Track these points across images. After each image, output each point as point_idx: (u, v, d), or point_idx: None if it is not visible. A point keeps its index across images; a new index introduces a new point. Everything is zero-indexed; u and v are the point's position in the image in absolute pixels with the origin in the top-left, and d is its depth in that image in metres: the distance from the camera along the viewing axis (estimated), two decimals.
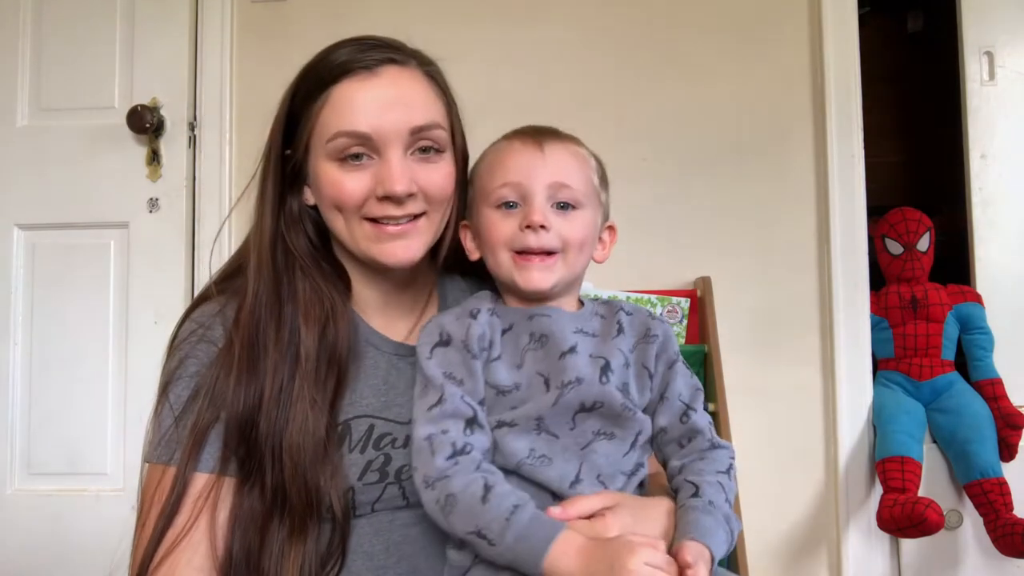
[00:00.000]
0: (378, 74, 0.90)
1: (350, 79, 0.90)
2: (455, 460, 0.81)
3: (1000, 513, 1.72)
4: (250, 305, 0.90)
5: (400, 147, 0.89)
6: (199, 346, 0.91)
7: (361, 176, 0.89)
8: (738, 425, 1.75)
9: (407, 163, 0.90)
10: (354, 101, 0.89)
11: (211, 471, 0.87)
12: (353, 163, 0.89)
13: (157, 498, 0.86)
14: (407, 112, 0.89)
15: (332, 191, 0.90)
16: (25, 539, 2.01)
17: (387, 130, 0.88)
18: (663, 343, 0.93)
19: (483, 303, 0.92)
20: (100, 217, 2.07)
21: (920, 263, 1.99)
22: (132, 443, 2.01)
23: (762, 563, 1.89)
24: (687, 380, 0.94)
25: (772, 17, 2.03)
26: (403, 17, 2.08)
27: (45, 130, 2.09)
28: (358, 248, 0.92)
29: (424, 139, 0.91)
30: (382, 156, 0.89)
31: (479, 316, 0.89)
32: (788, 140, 2.01)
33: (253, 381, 0.87)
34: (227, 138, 2.07)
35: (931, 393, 1.92)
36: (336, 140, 0.89)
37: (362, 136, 0.88)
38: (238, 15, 2.11)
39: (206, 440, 0.87)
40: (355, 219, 0.91)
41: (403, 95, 0.90)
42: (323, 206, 0.93)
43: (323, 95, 0.90)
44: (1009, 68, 2.06)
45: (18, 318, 2.06)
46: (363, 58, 0.90)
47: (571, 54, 2.06)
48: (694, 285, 1.96)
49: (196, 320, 0.94)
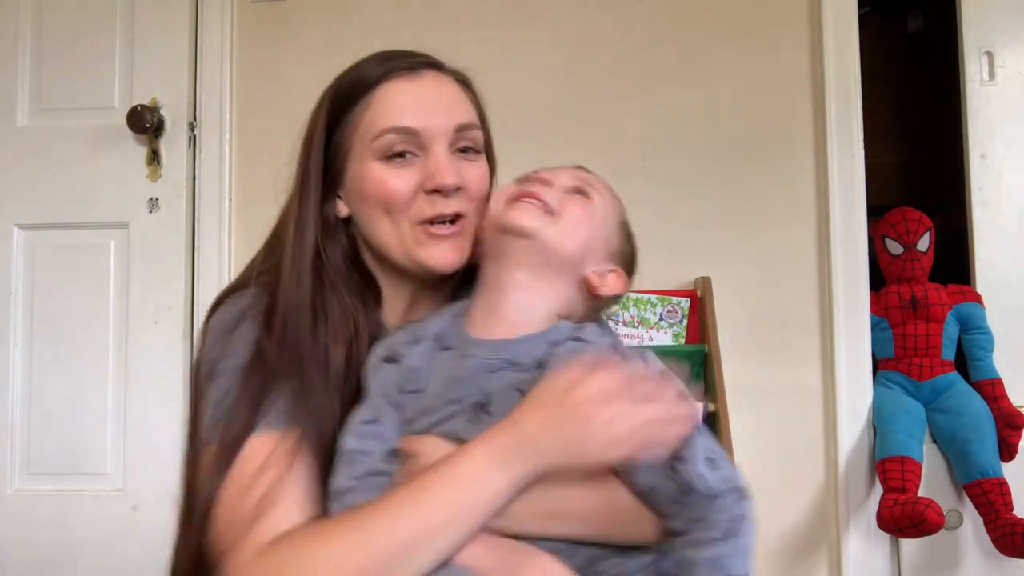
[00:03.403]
0: (421, 75, 0.92)
1: (394, 80, 0.91)
2: (365, 480, 0.79)
3: (1000, 513, 1.72)
4: (282, 316, 0.88)
5: (445, 143, 0.90)
6: (243, 325, 0.89)
7: (407, 173, 0.90)
8: (738, 425, 1.75)
9: (453, 159, 0.91)
10: (400, 99, 0.91)
11: (283, 428, 0.83)
12: (399, 161, 0.90)
13: (237, 475, 0.82)
14: (450, 111, 0.92)
15: (379, 189, 0.90)
16: (25, 539, 2.01)
17: (433, 126, 0.90)
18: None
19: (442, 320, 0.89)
20: (100, 217, 2.07)
21: (920, 263, 1.99)
22: (132, 443, 2.01)
23: (762, 563, 1.89)
24: None
25: (772, 17, 2.03)
26: (401, 17, 2.09)
27: (45, 130, 2.09)
28: (406, 252, 0.91)
29: (466, 139, 0.93)
30: (428, 152, 0.90)
31: (420, 344, 0.86)
32: (788, 140, 2.01)
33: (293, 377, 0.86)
34: (227, 138, 2.07)
35: (931, 393, 1.92)
36: (383, 137, 0.89)
37: (410, 131, 0.89)
38: (238, 15, 2.11)
39: (269, 400, 0.84)
40: (405, 222, 0.90)
41: (445, 95, 0.93)
42: (366, 209, 0.92)
43: (366, 97, 0.91)
44: (1009, 68, 2.06)
45: (18, 318, 2.06)
46: (405, 62, 0.93)
47: (570, 54, 2.06)
48: (694, 285, 1.97)
49: (235, 305, 0.91)
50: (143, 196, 2.06)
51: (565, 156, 1.04)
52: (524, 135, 1.97)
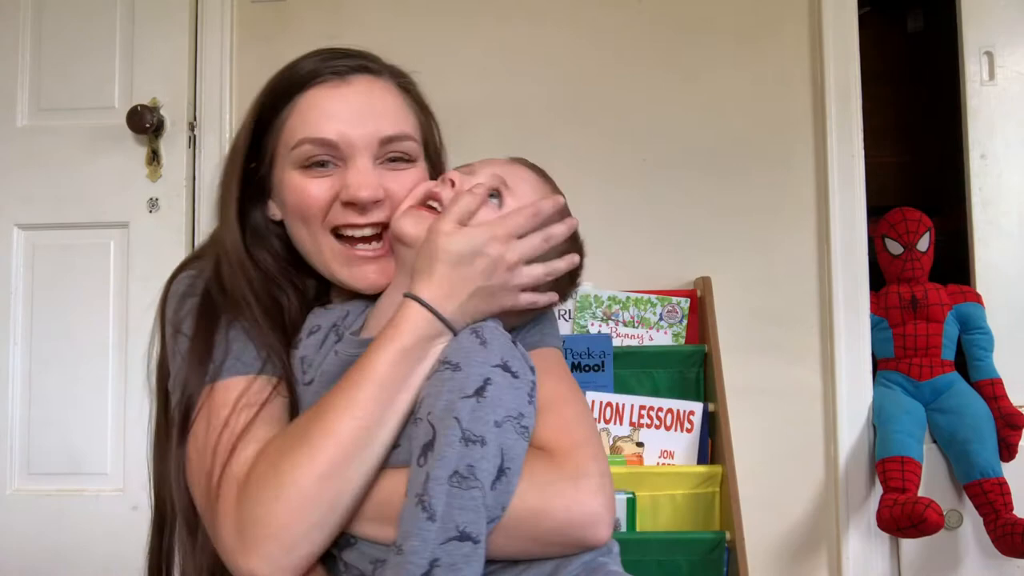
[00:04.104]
0: (349, 82, 0.88)
1: (319, 86, 0.88)
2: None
3: (1000, 513, 1.72)
4: (227, 279, 0.88)
5: (368, 156, 0.87)
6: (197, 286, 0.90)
7: (325, 182, 0.87)
8: (738, 425, 1.75)
9: (375, 171, 0.87)
10: (322, 108, 0.87)
11: (254, 373, 0.84)
12: (318, 170, 0.87)
13: (212, 416, 0.82)
14: (377, 121, 0.87)
15: (295, 197, 0.87)
16: (25, 539, 2.01)
17: (354, 137, 0.86)
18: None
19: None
20: (100, 217, 2.07)
21: (920, 263, 1.99)
22: (132, 443, 2.01)
23: (762, 563, 1.89)
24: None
25: (772, 17, 2.03)
26: (401, 17, 2.09)
27: (45, 130, 2.09)
28: (326, 267, 0.89)
29: (394, 150, 0.89)
30: (348, 164, 0.87)
31: (315, 335, 0.88)
32: (788, 140, 2.01)
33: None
34: (227, 138, 2.07)
35: (931, 393, 1.92)
36: (301, 147, 0.87)
37: (328, 144, 0.86)
38: (238, 15, 2.11)
39: (235, 350, 0.85)
40: (321, 231, 0.88)
41: (374, 104, 0.88)
42: (288, 218, 0.90)
43: (291, 103, 0.88)
44: (1009, 68, 2.06)
45: (18, 318, 2.06)
46: (334, 65, 0.88)
47: (570, 54, 2.05)
48: (694, 285, 1.97)
49: (188, 276, 0.92)
50: (143, 196, 2.06)
51: (565, 156, 1.04)
52: (524, 136, 1.98)
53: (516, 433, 0.75)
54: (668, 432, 1.74)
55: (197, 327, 0.86)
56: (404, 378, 0.77)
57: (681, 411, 1.75)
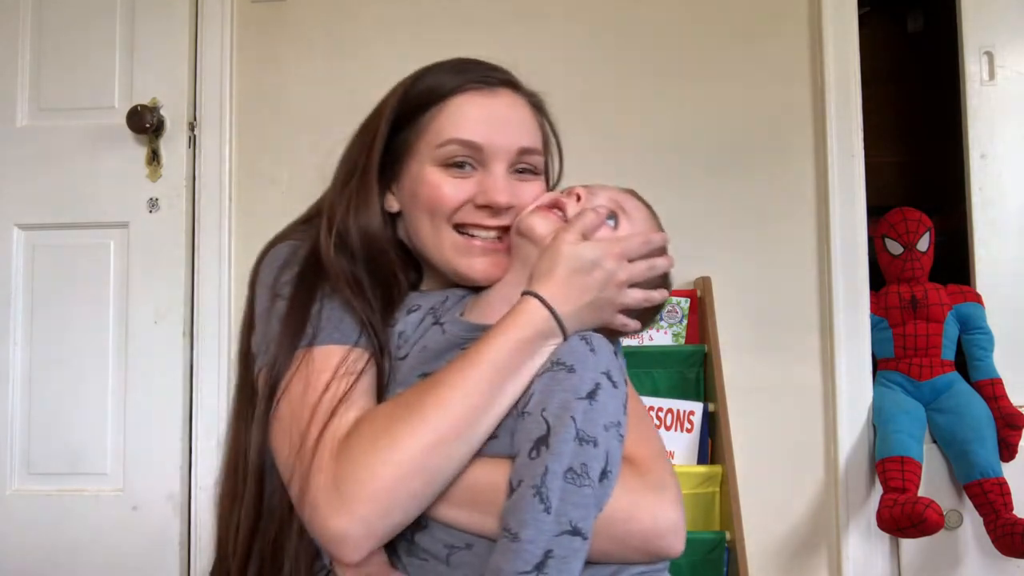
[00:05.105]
0: (496, 93, 0.95)
1: (471, 92, 0.94)
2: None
3: (1000, 513, 1.72)
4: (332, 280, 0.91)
5: (505, 163, 0.93)
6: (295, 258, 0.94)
7: (463, 184, 0.92)
8: (738, 425, 1.75)
9: (509, 178, 0.94)
10: (472, 113, 0.93)
11: (351, 344, 0.87)
12: (456, 171, 0.93)
13: (312, 377, 0.85)
14: (518, 132, 0.94)
15: (430, 192, 0.92)
16: (25, 539, 2.01)
17: (497, 144, 0.93)
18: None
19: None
20: (100, 217, 2.07)
21: (920, 263, 1.99)
22: (132, 443, 2.01)
23: (762, 563, 1.89)
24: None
25: (772, 17, 2.03)
26: (402, 17, 2.09)
27: (45, 130, 2.09)
28: (442, 257, 0.94)
29: (525, 161, 0.95)
30: (487, 168, 0.93)
31: (415, 313, 0.93)
32: (788, 140, 2.01)
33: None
34: (227, 138, 2.07)
35: (931, 393, 1.92)
36: (448, 146, 0.92)
37: (474, 146, 0.92)
38: (238, 15, 2.11)
39: (334, 319, 0.88)
40: (444, 226, 0.93)
41: (516, 116, 0.96)
42: (413, 209, 0.95)
43: (439, 104, 0.94)
44: (1009, 68, 2.06)
45: (18, 318, 2.06)
46: (487, 76, 0.96)
47: (571, 55, 2.06)
48: (694, 285, 1.97)
49: (289, 245, 0.96)
50: (143, 196, 2.06)
51: (564, 156, 1.05)
52: None
53: (617, 439, 0.79)
54: (668, 432, 1.74)
55: (296, 292, 0.90)
56: (516, 368, 0.80)
57: (681, 411, 1.75)
